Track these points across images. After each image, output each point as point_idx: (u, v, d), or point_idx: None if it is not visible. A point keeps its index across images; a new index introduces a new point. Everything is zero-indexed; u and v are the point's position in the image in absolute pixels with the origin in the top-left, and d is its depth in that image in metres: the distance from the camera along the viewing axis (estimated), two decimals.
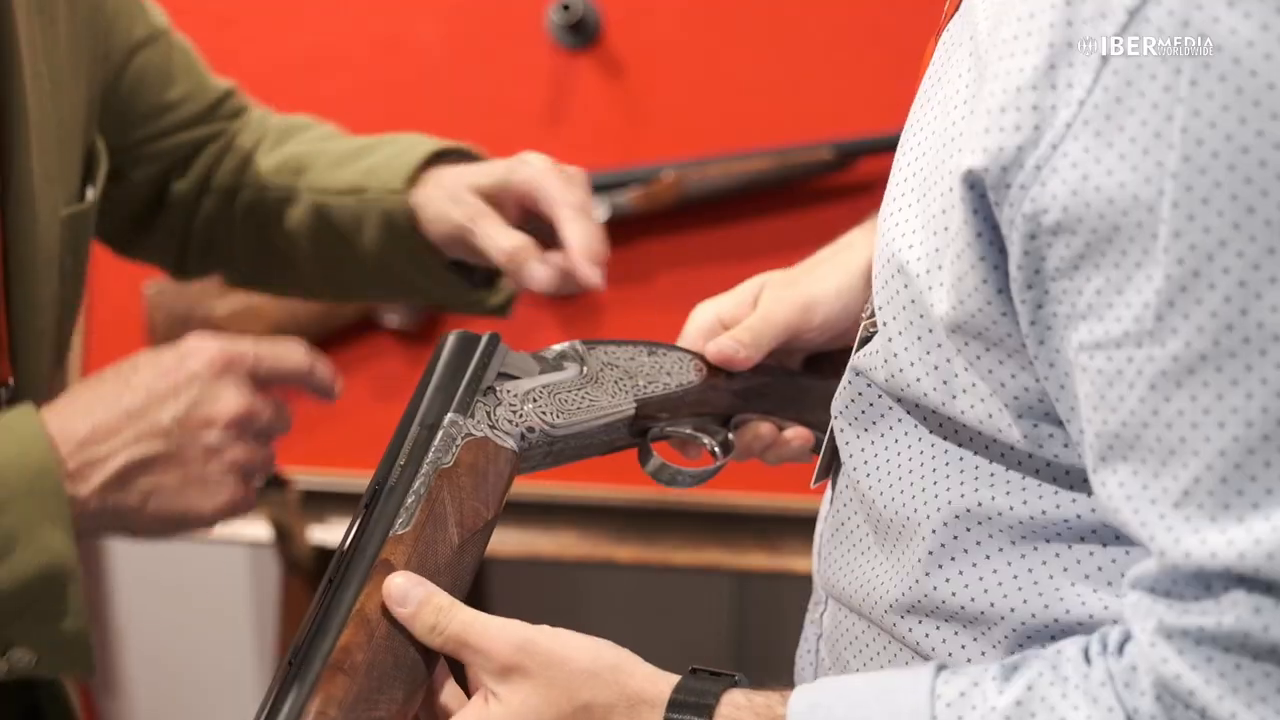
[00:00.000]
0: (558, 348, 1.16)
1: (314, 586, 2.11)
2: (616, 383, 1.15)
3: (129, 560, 2.47)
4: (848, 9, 1.93)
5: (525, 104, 1.98)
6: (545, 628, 0.98)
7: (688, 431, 1.20)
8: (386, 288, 1.46)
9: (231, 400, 1.11)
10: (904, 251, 0.95)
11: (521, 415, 1.09)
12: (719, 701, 0.94)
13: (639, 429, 1.17)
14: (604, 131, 1.97)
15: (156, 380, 1.10)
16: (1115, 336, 0.84)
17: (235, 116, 1.50)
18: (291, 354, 1.15)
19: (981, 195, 0.88)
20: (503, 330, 1.96)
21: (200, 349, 1.11)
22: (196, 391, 1.10)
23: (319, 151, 1.46)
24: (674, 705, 0.94)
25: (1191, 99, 0.80)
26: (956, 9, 1.00)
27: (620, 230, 1.96)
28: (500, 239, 1.31)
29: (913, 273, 0.95)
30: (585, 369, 1.15)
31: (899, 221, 0.97)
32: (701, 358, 1.20)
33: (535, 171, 1.33)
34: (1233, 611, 0.80)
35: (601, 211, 1.93)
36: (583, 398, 1.13)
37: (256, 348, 1.13)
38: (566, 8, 1.94)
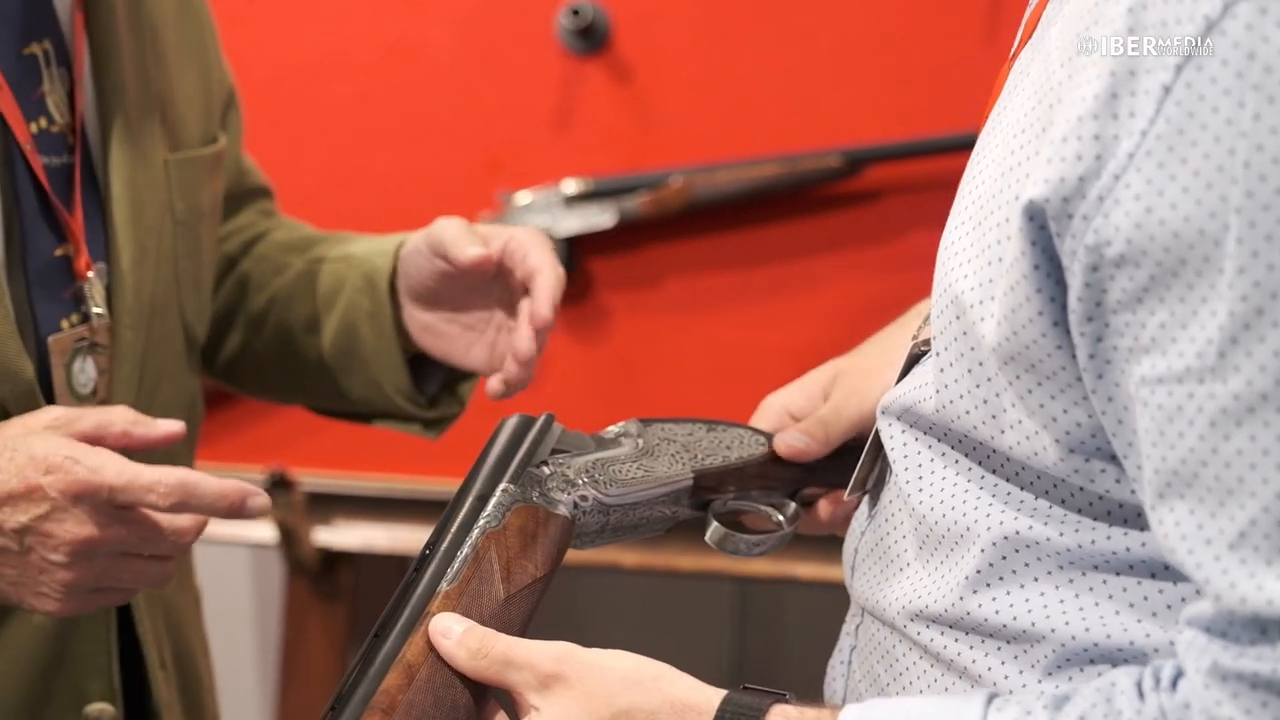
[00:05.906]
0: (615, 428, 1.16)
1: (318, 588, 2.13)
2: (673, 455, 1.16)
3: None
4: (857, 17, 1.93)
5: (534, 108, 1.98)
6: (591, 648, 0.98)
7: (753, 506, 1.19)
8: (337, 377, 1.46)
9: (75, 529, 1.12)
10: (959, 282, 0.94)
11: (575, 486, 1.10)
12: (768, 712, 0.94)
13: (700, 502, 1.17)
14: (612, 137, 1.97)
15: (13, 479, 1.12)
16: (1177, 372, 0.83)
17: (269, 213, 1.54)
18: (153, 489, 1.12)
19: (1041, 226, 0.87)
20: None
21: (61, 472, 1.12)
22: (46, 509, 1.12)
23: (324, 238, 1.50)
24: (723, 715, 0.95)
25: (1255, 133, 0.79)
26: (1029, 38, 0.99)
27: (628, 235, 1.96)
28: (469, 247, 1.32)
29: (965, 303, 0.94)
30: (641, 443, 1.15)
31: (956, 251, 0.96)
32: (764, 434, 1.20)
33: (527, 235, 1.34)
34: None
35: (609, 217, 1.93)
36: (638, 469, 1.13)
37: (116, 479, 1.12)
38: (576, 13, 1.94)
